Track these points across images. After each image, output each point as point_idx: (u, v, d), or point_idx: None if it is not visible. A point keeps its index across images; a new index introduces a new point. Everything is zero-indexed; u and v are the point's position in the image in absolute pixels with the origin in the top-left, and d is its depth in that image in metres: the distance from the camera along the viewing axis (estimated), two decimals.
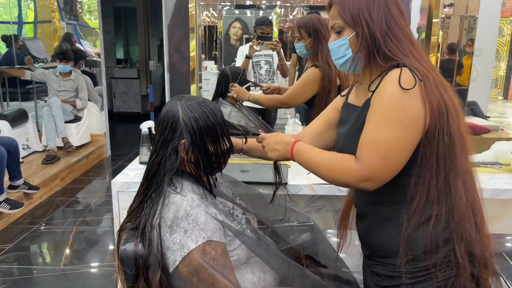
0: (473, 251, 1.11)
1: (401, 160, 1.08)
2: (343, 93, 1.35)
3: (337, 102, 1.38)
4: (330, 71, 2.28)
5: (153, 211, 1.14)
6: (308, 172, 1.23)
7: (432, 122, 1.06)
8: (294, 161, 1.23)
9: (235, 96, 2.42)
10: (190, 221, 1.09)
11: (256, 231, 1.28)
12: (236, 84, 2.42)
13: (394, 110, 1.05)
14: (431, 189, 1.09)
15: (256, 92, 2.88)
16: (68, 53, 4.88)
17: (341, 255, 1.54)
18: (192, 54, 2.08)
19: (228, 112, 2.47)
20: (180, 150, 1.17)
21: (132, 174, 1.98)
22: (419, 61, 1.10)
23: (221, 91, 2.52)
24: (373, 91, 1.12)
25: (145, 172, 1.22)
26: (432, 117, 1.06)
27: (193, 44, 2.05)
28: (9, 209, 3.41)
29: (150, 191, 1.18)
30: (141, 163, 2.16)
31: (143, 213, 1.17)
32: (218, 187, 1.34)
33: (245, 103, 2.72)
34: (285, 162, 2.10)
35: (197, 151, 1.17)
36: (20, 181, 3.71)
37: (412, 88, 1.04)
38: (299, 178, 1.93)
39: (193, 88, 2.12)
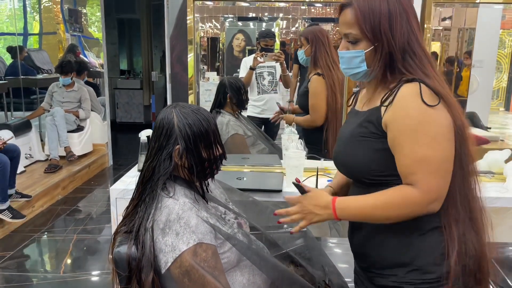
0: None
1: (450, 172, 1.02)
2: (349, 102, 1.29)
3: None
4: (331, 74, 2.37)
5: (146, 215, 1.18)
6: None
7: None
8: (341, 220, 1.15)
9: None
10: (181, 224, 1.12)
11: (247, 235, 1.31)
12: (287, 116, 2.67)
13: (427, 125, 0.99)
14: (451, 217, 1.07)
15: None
16: (66, 67, 4.86)
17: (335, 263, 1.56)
18: (191, 65, 2.13)
19: (227, 121, 2.51)
20: (174, 155, 1.20)
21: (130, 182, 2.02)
22: (439, 83, 1.04)
23: (220, 100, 2.56)
24: (386, 105, 1.05)
25: (139, 177, 1.26)
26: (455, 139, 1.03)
27: (191, 55, 2.10)
28: (11, 218, 3.42)
29: (144, 195, 1.21)
30: (139, 170, 2.19)
31: (137, 216, 1.20)
32: (211, 192, 1.37)
33: (245, 113, 2.78)
34: (281, 170, 2.14)
35: (191, 157, 1.21)
36: (13, 190, 3.66)
37: (436, 105, 1.00)
38: (294, 186, 1.95)
39: (191, 98, 2.17)
